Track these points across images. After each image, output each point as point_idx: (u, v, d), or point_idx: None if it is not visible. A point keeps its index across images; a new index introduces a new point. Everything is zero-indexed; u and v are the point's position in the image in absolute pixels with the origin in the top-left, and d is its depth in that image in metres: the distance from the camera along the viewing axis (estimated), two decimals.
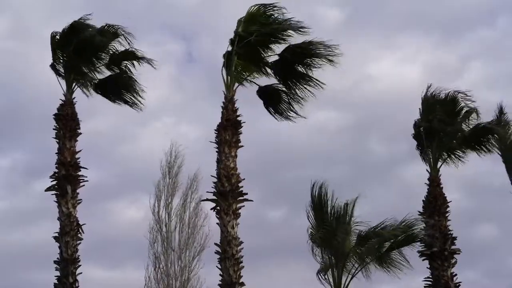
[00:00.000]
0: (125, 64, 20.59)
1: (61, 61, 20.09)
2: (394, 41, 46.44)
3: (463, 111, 20.59)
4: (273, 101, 20.34)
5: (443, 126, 20.16)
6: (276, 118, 20.42)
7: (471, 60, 45.88)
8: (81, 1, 37.06)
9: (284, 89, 20.14)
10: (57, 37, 19.92)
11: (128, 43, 20.16)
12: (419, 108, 20.53)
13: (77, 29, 19.77)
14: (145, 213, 32.80)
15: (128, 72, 20.65)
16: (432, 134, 20.25)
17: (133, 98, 20.87)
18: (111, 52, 20.42)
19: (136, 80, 20.69)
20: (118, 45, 20.33)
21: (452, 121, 20.43)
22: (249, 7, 19.38)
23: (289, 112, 20.28)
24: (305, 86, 19.87)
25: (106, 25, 20.00)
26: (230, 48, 19.37)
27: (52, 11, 41.19)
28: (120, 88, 20.89)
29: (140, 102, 20.85)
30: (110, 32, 20.04)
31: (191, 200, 32.57)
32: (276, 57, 19.78)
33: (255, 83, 20.20)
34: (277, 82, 20.12)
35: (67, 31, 19.83)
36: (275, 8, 19.31)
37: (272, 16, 19.47)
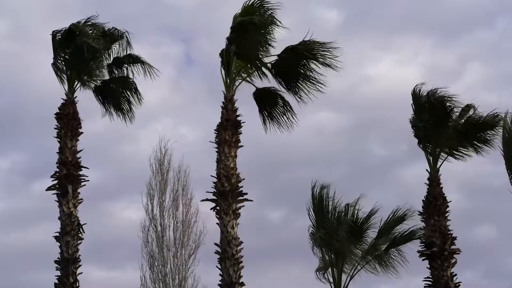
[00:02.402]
0: (126, 67, 20.59)
1: (62, 60, 20.09)
2: (392, 42, 46.44)
3: (456, 110, 20.47)
4: (269, 104, 20.27)
5: (436, 129, 20.14)
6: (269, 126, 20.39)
7: (470, 61, 45.89)
8: (80, 3, 37.14)
9: (281, 91, 20.09)
10: (58, 36, 19.88)
11: (128, 42, 20.18)
12: (411, 105, 20.51)
13: (76, 32, 19.69)
14: (144, 213, 32.68)
15: (129, 78, 20.67)
16: (429, 134, 20.26)
17: (127, 108, 20.90)
18: (114, 57, 20.45)
19: (134, 90, 20.70)
20: (119, 49, 20.41)
21: (445, 122, 20.37)
22: (243, 3, 19.27)
23: (283, 118, 20.27)
24: (305, 87, 19.86)
25: (110, 28, 20.06)
26: (228, 47, 19.36)
27: (51, 13, 41.21)
28: (117, 96, 20.88)
29: (132, 116, 20.94)
30: (113, 35, 20.07)
31: (182, 197, 31.84)
32: (275, 57, 19.72)
33: (253, 85, 20.22)
34: (276, 83, 20.11)
35: (67, 32, 19.78)
36: (269, 3, 19.18)
37: (267, 12, 19.30)
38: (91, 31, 19.99)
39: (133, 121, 21.05)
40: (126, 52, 20.49)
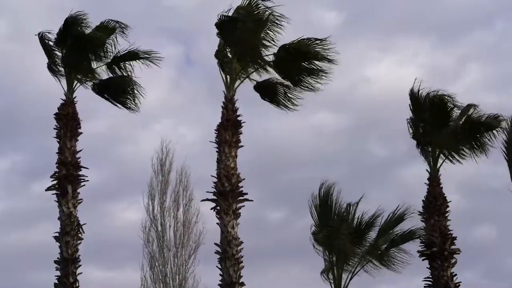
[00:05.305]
0: (127, 64, 20.46)
1: (59, 60, 20.02)
2: (392, 42, 46.45)
3: (456, 109, 20.44)
4: (270, 93, 20.23)
5: (436, 129, 20.12)
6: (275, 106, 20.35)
7: (469, 62, 45.91)
8: (79, 4, 37.03)
9: (282, 82, 19.99)
10: (48, 35, 19.81)
11: (126, 35, 20.03)
12: (409, 105, 20.50)
13: (72, 25, 19.60)
14: (144, 214, 32.72)
15: (129, 74, 20.56)
16: (428, 135, 20.25)
17: (131, 101, 20.77)
18: (112, 52, 20.27)
19: (136, 83, 20.60)
20: (116, 42, 20.22)
21: (445, 122, 20.35)
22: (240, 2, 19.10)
23: (286, 102, 20.25)
24: (306, 82, 19.82)
25: (104, 21, 19.87)
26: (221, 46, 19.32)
27: (50, 13, 41.19)
28: (119, 90, 20.71)
29: (137, 106, 20.78)
30: (108, 28, 19.91)
31: (183, 198, 31.99)
32: (273, 55, 19.52)
33: (255, 81, 20.16)
34: (278, 78, 20.06)
35: (63, 29, 19.66)
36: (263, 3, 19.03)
37: (260, 9, 19.13)
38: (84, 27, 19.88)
39: (138, 110, 20.92)
40: (119, 44, 20.33)
